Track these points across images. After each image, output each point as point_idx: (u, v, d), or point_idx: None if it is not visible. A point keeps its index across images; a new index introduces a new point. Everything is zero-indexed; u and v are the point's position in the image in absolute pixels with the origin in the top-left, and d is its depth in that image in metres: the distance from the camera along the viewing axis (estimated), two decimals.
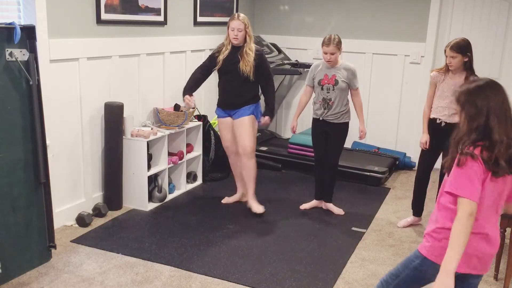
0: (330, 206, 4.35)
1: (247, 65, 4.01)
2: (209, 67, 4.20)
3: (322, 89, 4.03)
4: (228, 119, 4.23)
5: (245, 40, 4.04)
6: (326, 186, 4.33)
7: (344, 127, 4.14)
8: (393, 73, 5.64)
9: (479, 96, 1.99)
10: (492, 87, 2.02)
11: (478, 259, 2.05)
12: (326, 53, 3.94)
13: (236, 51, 4.06)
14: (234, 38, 4.01)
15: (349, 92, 4.12)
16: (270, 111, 4.22)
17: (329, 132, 4.12)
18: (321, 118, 4.11)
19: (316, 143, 4.26)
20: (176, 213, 4.22)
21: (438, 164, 3.91)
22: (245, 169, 4.26)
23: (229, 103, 4.18)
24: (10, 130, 3.01)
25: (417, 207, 4.11)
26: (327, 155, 4.22)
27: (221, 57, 4.09)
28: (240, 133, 4.17)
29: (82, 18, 3.81)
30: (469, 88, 2.03)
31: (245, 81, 4.07)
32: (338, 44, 3.93)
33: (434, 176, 4.23)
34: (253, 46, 4.07)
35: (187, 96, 4.13)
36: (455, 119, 2.19)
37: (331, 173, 4.26)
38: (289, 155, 5.45)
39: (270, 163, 5.42)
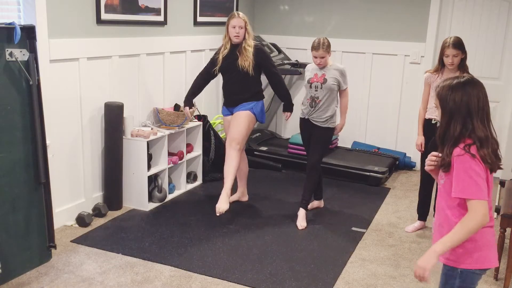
0: (300, 214, 4.06)
1: (245, 60, 4.01)
2: (210, 70, 4.21)
3: (310, 87, 4.03)
4: (230, 117, 4.24)
5: (244, 38, 4.05)
6: (303, 189, 4.14)
7: (328, 131, 4.06)
8: (393, 73, 5.64)
9: (459, 92, 2.01)
10: (473, 84, 2.03)
11: (496, 249, 2.10)
12: (316, 57, 3.94)
13: (235, 49, 4.08)
14: (235, 36, 4.01)
15: (338, 94, 4.08)
16: (289, 106, 4.28)
17: (312, 133, 4.08)
18: (306, 117, 4.08)
19: (304, 144, 4.25)
20: (176, 213, 4.22)
21: None
22: (227, 159, 4.08)
23: (231, 101, 4.19)
24: (10, 130, 3.01)
25: (423, 211, 4.09)
26: (308, 156, 4.15)
27: (220, 57, 4.12)
28: (233, 125, 4.13)
29: (82, 18, 3.81)
30: (451, 84, 2.05)
31: (245, 77, 4.06)
32: (328, 48, 3.91)
33: None
34: (251, 42, 4.08)
35: (186, 108, 4.28)
36: None
37: (310, 175, 4.09)
38: (289, 155, 5.46)
39: (270, 163, 5.42)
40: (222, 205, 3.85)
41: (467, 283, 2.06)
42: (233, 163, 4.03)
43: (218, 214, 3.85)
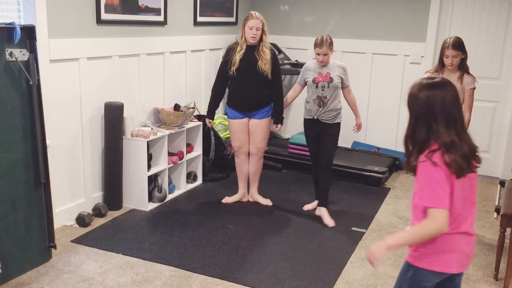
0: (323, 213, 4.14)
1: (265, 63, 4.04)
2: (226, 74, 4.16)
3: (317, 87, 4.03)
4: (245, 120, 4.25)
5: (260, 39, 4.05)
6: (321, 189, 4.20)
7: (338, 127, 4.13)
8: (393, 73, 5.64)
9: (424, 94, 1.94)
10: (440, 87, 1.94)
11: (467, 257, 2.06)
12: (319, 54, 3.95)
13: (252, 50, 4.06)
14: (252, 37, 4.01)
15: (341, 91, 4.12)
16: (280, 117, 4.26)
17: (323, 131, 4.08)
18: (315, 117, 4.08)
19: (310, 144, 4.24)
20: (176, 213, 4.22)
21: None
22: (255, 166, 4.40)
23: (249, 105, 4.19)
24: (10, 130, 3.01)
25: None
26: (321, 156, 4.16)
27: (237, 57, 4.06)
28: (258, 134, 4.25)
29: (82, 18, 3.81)
30: (420, 85, 1.97)
31: (264, 81, 4.09)
32: (331, 45, 3.94)
33: None
34: (268, 44, 4.11)
35: (210, 122, 4.37)
36: None
37: (325, 174, 4.14)
38: (289, 155, 5.46)
39: (270, 163, 5.42)
40: (267, 201, 4.46)
41: (419, 277, 2.05)
42: (261, 168, 4.43)
43: (270, 204, 4.45)
